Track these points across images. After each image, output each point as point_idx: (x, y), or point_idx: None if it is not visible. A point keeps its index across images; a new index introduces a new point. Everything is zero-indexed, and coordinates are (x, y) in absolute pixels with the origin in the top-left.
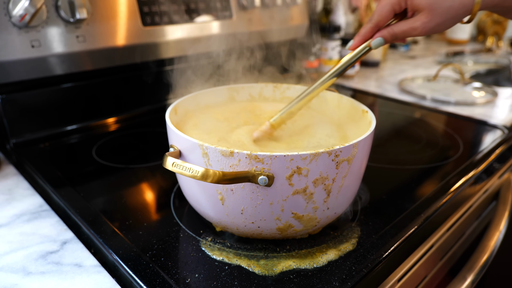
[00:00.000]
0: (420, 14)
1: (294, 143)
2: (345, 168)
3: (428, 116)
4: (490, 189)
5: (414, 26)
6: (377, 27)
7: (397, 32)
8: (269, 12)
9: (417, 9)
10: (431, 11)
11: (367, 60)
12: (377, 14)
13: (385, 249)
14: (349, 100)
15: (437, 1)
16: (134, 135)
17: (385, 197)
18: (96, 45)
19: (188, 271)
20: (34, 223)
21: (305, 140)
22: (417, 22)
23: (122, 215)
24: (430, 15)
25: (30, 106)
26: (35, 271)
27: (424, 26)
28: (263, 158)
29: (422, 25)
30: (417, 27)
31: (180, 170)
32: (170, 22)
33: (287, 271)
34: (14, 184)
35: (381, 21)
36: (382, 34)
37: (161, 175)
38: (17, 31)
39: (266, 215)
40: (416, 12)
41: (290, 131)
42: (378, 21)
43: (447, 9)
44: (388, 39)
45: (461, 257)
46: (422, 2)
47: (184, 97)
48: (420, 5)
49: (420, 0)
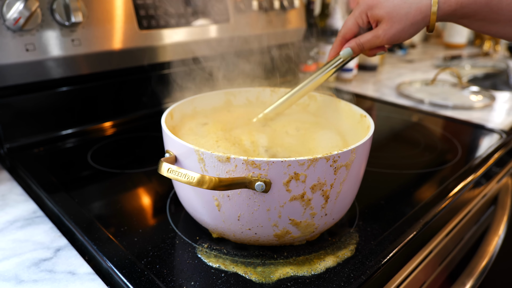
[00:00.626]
0: (381, 23)
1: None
2: (343, 174)
3: (426, 120)
4: (489, 193)
5: (377, 34)
6: (344, 40)
7: (363, 41)
8: (266, 16)
9: (378, 19)
10: (390, 18)
11: (365, 64)
12: (344, 27)
13: (383, 255)
14: (347, 104)
15: (395, 9)
16: (130, 140)
17: (384, 202)
18: (91, 48)
19: (184, 279)
20: (27, 229)
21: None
22: (379, 31)
23: (117, 221)
24: (389, 22)
25: (24, 110)
26: (28, 279)
27: (386, 33)
28: (260, 164)
29: (383, 33)
30: (379, 35)
31: (175, 176)
32: (167, 26)
33: (284, 278)
34: (8, 189)
35: (347, 33)
36: (350, 44)
37: (157, 180)
38: (12, 35)
39: (263, 221)
40: (378, 22)
41: (292, 138)
42: (345, 33)
43: (405, 16)
44: (355, 48)
45: (460, 262)
46: (380, 11)
47: (180, 102)
48: (379, 14)
49: (379, 10)
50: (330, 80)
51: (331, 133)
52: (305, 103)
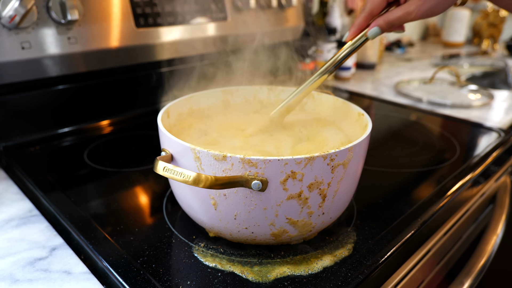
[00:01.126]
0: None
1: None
2: (340, 172)
3: (424, 118)
4: (487, 192)
5: (409, 10)
6: (371, 16)
7: (392, 18)
8: (264, 14)
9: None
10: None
11: (363, 62)
12: (370, 3)
13: (381, 254)
14: (345, 103)
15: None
16: (127, 138)
17: (381, 201)
18: (88, 46)
19: (180, 278)
20: (22, 228)
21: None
22: (411, 7)
23: (113, 220)
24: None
25: (20, 109)
26: (23, 279)
27: (419, 9)
28: (256, 163)
29: (416, 9)
30: (412, 11)
31: (171, 175)
32: (164, 24)
33: (281, 277)
34: (3, 188)
35: (374, 9)
36: (377, 22)
37: (154, 179)
38: (7, 32)
39: (260, 220)
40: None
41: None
42: (371, 9)
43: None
44: (384, 27)
45: (458, 261)
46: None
47: (177, 100)
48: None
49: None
50: (329, 79)
51: (334, 129)
52: (302, 102)
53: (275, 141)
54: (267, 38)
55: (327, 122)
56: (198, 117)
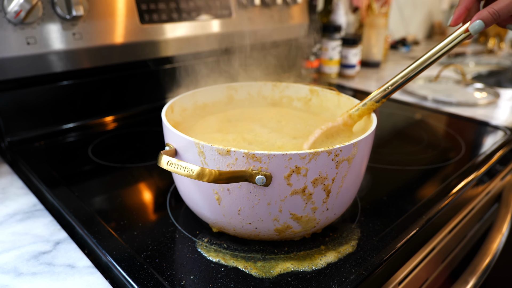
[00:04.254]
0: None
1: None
2: (345, 168)
3: (429, 117)
4: (492, 191)
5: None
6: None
7: (498, 9)
8: (269, 11)
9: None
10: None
11: (368, 60)
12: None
13: (385, 251)
14: (350, 99)
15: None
16: (131, 134)
17: (386, 198)
18: (93, 42)
19: (184, 273)
20: (27, 222)
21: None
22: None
23: (117, 215)
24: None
25: (25, 104)
26: (27, 272)
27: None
28: (260, 157)
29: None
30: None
31: (175, 169)
32: (168, 20)
33: (285, 273)
34: (8, 183)
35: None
36: (481, 15)
37: (158, 174)
38: (12, 28)
39: (263, 215)
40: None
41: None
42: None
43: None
44: (488, 19)
45: (462, 259)
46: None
47: (181, 95)
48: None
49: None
50: (333, 77)
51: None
52: (307, 98)
53: (283, 136)
54: (271, 35)
55: (331, 118)
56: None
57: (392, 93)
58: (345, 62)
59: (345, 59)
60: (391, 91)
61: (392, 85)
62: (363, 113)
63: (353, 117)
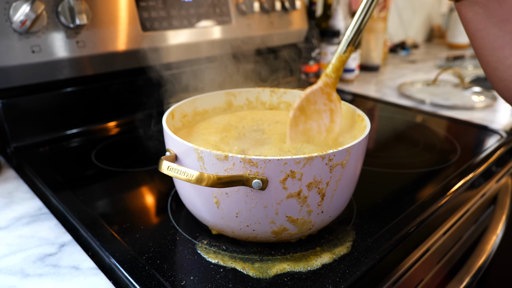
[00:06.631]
0: None
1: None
2: (338, 172)
3: (427, 120)
4: (488, 193)
5: None
6: None
7: None
8: (268, 17)
9: None
10: None
11: (367, 64)
12: None
13: (379, 252)
14: (345, 104)
15: None
16: (133, 139)
17: (381, 201)
18: (96, 50)
19: (184, 274)
20: (33, 226)
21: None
22: None
23: (119, 218)
24: None
25: (30, 111)
26: (33, 273)
27: None
28: (257, 162)
29: None
30: None
31: (175, 174)
32: (169, 27)
33: (281, 274)
34: (14, 187)
35: None
36: None
37: (159, 179)
38: (18, 37)
39: (260, 218)
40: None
41: None
42: None
43: None
44: None
45: (458, 261)
46: None
47: (181, 102)
48: None
49: None
50: None
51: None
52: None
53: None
54: (271, 40)
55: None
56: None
57: (354, 39)
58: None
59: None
60: (351, 37)
61: (351, 32)
62: (337, 68)
63: (330, 74)
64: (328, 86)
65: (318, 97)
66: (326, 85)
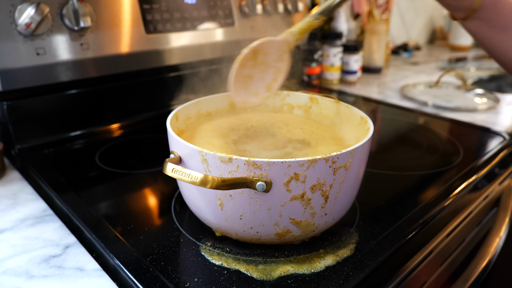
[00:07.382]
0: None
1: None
2: (342, 174)
3: (429, 122)
4: (491, 195)
5: None
6: None
7: None
8: (270, 20)
9: None
10: None
11: (369, 66)
12: None
13: (382, 254)
14: (348, 107)
15: None
16: (137, 141)
17: (384, 203)
18: (100, 52)
19: (188, 275)
20: (37, 227)
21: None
22: None
23: (123, 220)
24: None
25: (35, 113)
26: (38, 275)
27: None
28: (261, 164)
29: None
30: None
31: (179, 176)
32: (173, 30)
33: (285, 276)
34: (19, 189)
35: None
36: None
37: (163, 180)
38: (23, 39)
39: (264, 220)
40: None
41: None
42: None
43: None
44: None
45: (461, 263)
46: None
47: (185, 104)
48: None
49: None
50: (334, 83)
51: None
52: (307, 105)
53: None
54: None
55: (330, 126)
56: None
57: (331, 9)
58: (346, 68)
59: (347, 65)
60: (330, 8)
61: (332, 2)
62: (303, 30)
63: (294, 33)
64: (286, 44)
65: (273, 50)
66: (285, 42)
